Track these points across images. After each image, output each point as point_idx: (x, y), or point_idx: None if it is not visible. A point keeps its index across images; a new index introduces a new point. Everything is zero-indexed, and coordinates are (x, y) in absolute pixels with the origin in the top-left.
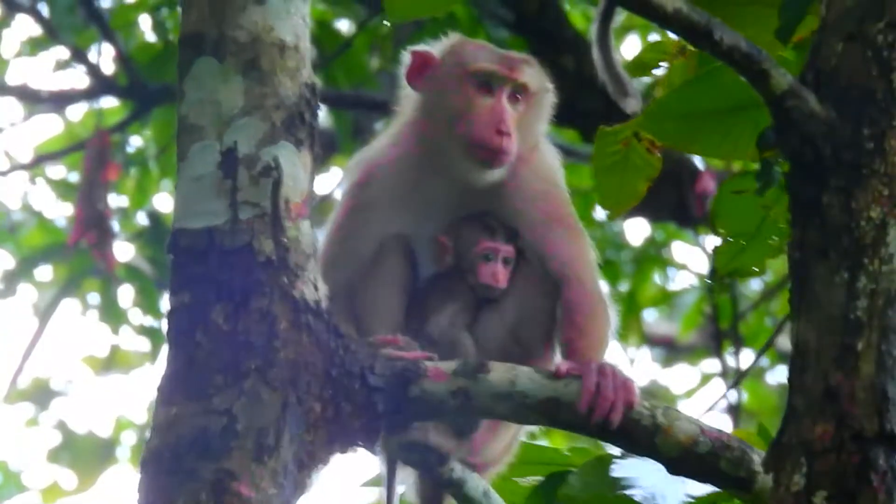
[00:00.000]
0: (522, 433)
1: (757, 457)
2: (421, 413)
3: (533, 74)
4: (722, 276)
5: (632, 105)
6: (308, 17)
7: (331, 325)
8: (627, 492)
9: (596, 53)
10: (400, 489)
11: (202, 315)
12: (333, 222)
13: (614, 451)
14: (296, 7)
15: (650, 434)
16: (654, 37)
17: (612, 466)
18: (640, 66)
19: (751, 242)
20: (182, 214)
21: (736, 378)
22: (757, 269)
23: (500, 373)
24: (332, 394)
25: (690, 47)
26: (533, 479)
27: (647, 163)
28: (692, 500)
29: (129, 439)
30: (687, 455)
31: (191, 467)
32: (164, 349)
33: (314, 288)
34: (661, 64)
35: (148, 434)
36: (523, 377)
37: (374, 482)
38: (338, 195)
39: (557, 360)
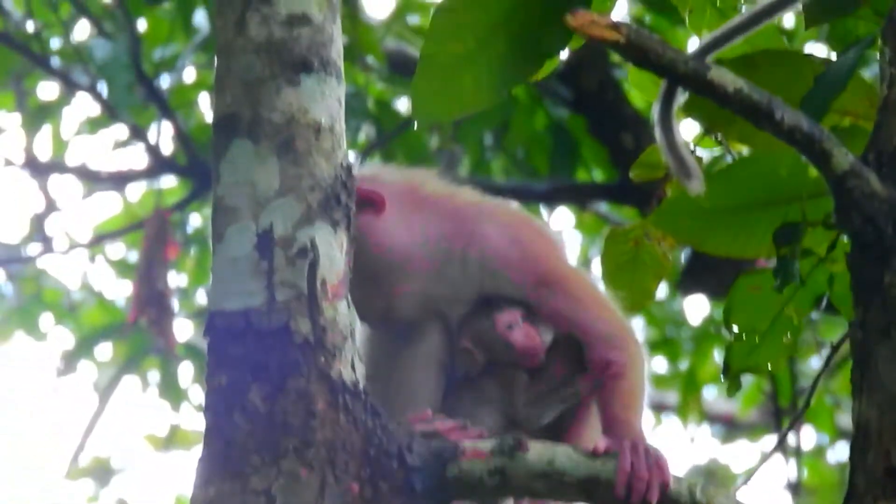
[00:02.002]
0: None
1: None
2: (459, 492)
3: None
4: (735, 374)
5: (695, 186)
6: (343, 99)
7: (368, 404)
8: None
9: (658, 134)
10: None
11: (239, 396)
12: None
13: None
14: (331, 89)
15: None
16: None
17: None
18: (648, 166)
19: (764, 339)
20: (218, 296)
21: (776, 445)
22: (770, 367)
23: (537, 451)
24: (369, 473)
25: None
26: None
27: (657, 261)
28: None
29: None
30: None
31: None
32: None
33: (351, 368)
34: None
35: None
36: (561, 455)
37: None
38: None
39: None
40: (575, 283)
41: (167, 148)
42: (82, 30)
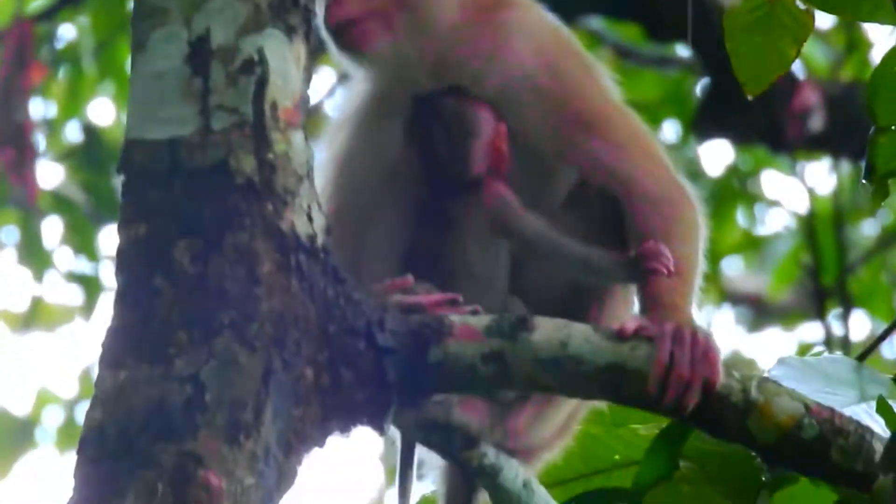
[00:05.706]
0: (583, 409)
1: (880, 445)
2: (444, 383)
3: None
4: (882, 176)
5: None
6: None
7: (328, 267)
8: None
9: None
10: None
11: (162, 253)
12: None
13: None
14: None
15: (741, 414)
16: None
17: None
18: None
19: None
20: (137, 122)
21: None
22: None
23: (547, 331)
24: (328, 357)
25: None
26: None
27: (797, 20)
28: None
29: (53, 417)
30: (788, 441)
31: (144, 449)
32: (103, 300)
33: (308, 219)
34: None
35: (85, 408)
36: (577, 337)
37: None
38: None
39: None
40: (620, 126)
41: None
42: None
